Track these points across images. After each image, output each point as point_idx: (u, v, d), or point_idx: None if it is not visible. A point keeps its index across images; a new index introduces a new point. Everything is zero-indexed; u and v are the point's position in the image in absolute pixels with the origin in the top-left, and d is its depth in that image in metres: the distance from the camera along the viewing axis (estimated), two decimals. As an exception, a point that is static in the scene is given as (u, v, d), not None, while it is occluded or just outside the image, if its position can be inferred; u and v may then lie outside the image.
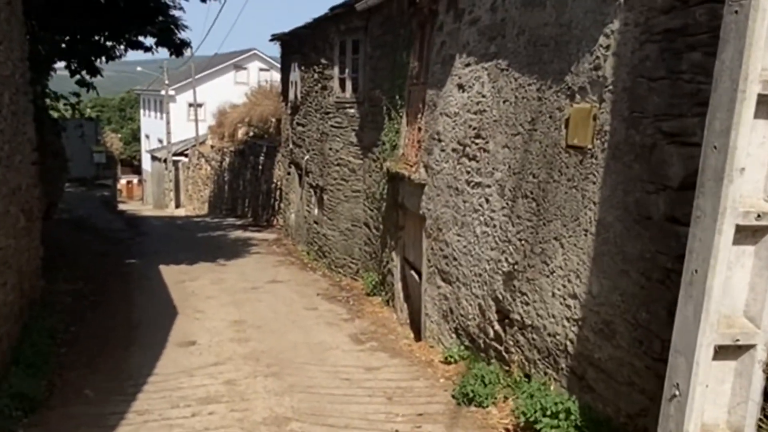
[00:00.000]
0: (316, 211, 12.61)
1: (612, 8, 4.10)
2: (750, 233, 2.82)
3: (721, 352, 2.89)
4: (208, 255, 13.32)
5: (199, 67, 34.84)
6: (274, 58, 31.89)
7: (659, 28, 3.70)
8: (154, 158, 37.80)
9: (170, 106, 34.27)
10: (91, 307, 9.17)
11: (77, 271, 10.95)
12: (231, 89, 34.42)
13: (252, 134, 23.27)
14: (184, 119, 36.59)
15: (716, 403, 2.97)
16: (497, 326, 5.74)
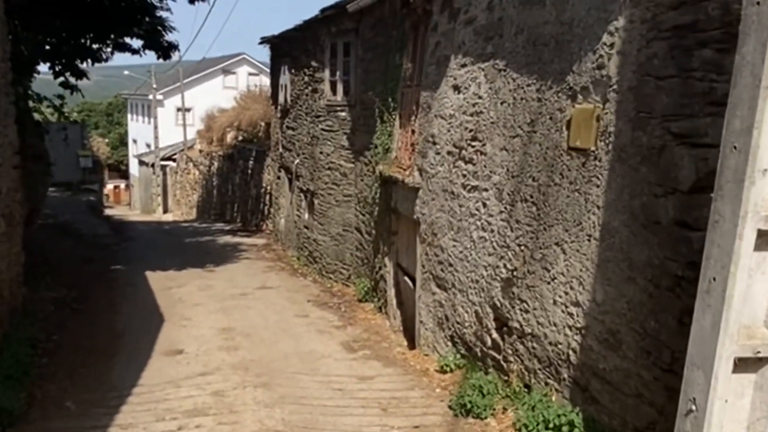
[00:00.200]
0: (307, 215, 12.41)
1: (616, 5, 3.95)
2: (772, 239, 2.66)
3: (741, 365, 2.73)
4: (196, 261, 13.08)
5: (187, 71, 34.56)
6: (263, 63, 31.66)
7: (667, 24, 3.55)
8: (141, 163, 37.43)
9: (158, 111, 33.96)
10: (74, 315, 8.91)
11: (61, 278, 10.66)
12: (220, 94, 34.16)
13: (241, 138, 23.02)
14: (172, 124, 36.31)
15: (735, 419, 2.80)
16: (495, 334, 5.57)
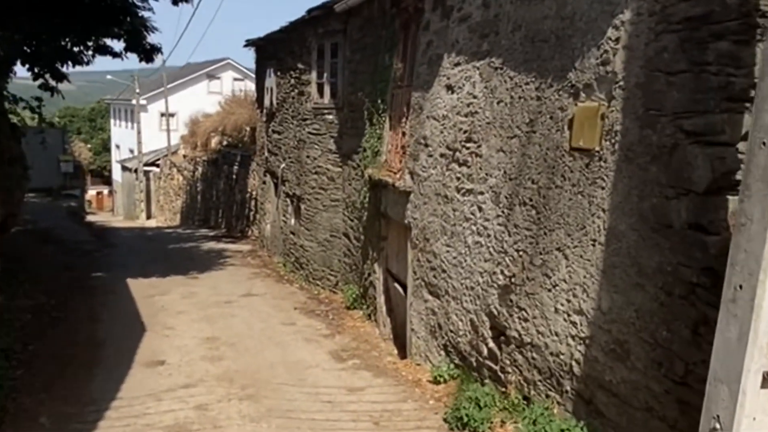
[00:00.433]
0: (293, 221, 12.14)
1: (622, -3, 3.76)
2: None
3: (768, 380, 2.53)
4: (179, 267, 12.75)
5: (171, 76, 34.21)
6: (248, 68, 31.38)
7: (678, 16, 3.36)
8: (124, 168, 36.93)
9: (141, 116, 33.51)
10: (52, 323, 8.57)
11: (39, 286, 10.31)
12: (204, 99, 33.75)
13: (226, 143, 22.70)
14: (156, 129, 35.85)
15: (762, 438, 2.60)
16: (492, 344, 5.34)
